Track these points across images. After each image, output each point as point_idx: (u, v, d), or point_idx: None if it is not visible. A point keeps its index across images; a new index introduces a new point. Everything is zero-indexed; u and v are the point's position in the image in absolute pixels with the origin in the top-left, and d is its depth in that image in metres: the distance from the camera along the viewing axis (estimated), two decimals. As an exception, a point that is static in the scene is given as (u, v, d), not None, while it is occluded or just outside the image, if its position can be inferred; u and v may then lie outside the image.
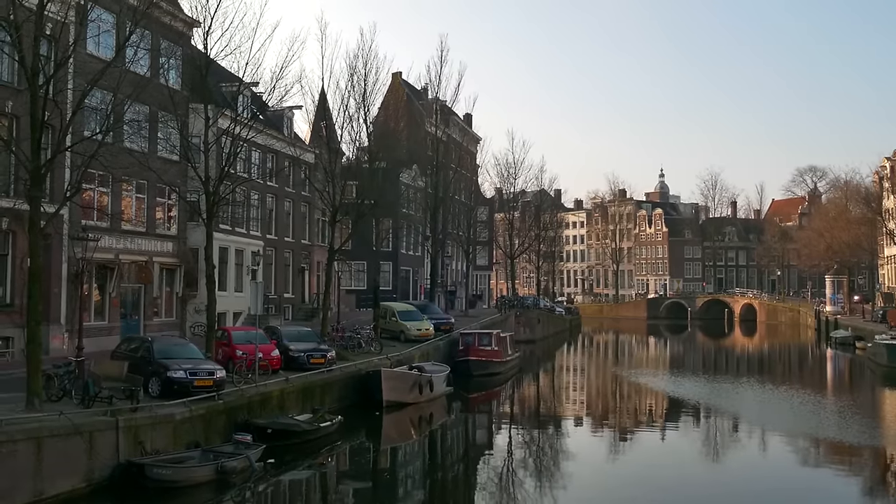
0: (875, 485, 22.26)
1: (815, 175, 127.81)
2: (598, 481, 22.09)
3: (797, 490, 21.18)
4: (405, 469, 24.61)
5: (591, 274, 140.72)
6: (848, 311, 78.35)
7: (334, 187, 37.66)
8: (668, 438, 29.02)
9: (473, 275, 77.17)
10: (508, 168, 76.35)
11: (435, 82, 59.34)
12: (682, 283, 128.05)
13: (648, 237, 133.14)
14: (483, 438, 30.56)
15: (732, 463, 24.92)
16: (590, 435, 30.32)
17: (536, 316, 71.49)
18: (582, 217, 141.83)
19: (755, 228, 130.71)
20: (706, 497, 20.45)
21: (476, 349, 42.12)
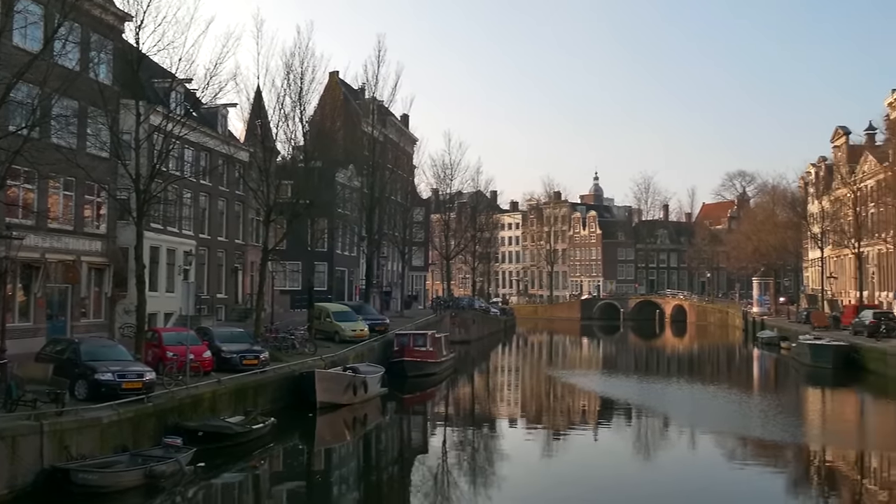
0: (799, 480, 22.87)
1: (745, 180, 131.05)
2: (532, 481, 22.22)
3: (725, 487, 21.60)
4: (339, 471, 24.45)
5: (526, 275, 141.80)
6: (774, 312, 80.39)
7: (269, 186, 37.25)
8: (601, 438, 29.37)
9: (409, 275, 77.11)
10: (445, 169, 76.60)
11: (372, 82, 59.18)
12: (615, 284, 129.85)
13: (583, 239, 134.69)
14: (418, 439, 30.54)
15: (664, 462, 25.31)
16: (524, 435, 30.52)
17: (471, 317, 71.78)
18: (517, 219, 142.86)
19: (686, 231, 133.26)
20: (639, 496, 20.71)
21: (411, 350, 42.09)
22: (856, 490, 21.76)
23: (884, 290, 67.25)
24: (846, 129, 78.98)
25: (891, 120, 66.17)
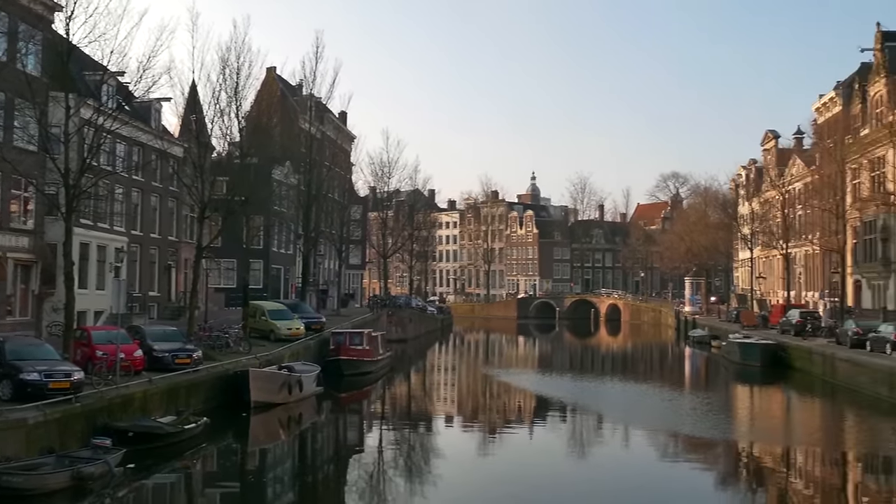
0: (728, 476, 23.36)
1: (678, 181, 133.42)
2: (468, 479, 22.29)
3: (658, 484, 21.95)
4: (274, 471, 24.19)
5: (464, 274, 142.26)
6: (705, 311, 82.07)
7: (203, 182, 36.70)
8: (536, 436, 29.60)
9: (346, 274, 76.74)
10: (383, 167, 76.41)
11: (310, 79, 58.67)
12: (551, 283, 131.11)
13: (519, 238, 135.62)
14: (354, 438, 30.41)
15: (599, 459, 25.61)
16: (460, 433, 30.59)
17: (408, 315, 71.75)
18: (455, 217, 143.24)
19: (621, 231, 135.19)
20: (575, 493, 20.91)
21: (347, 348, 41.90)
22: (782, 484, 22.31)
23: (810, 290, 69.13)
24: (776, 133, 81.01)
25: (818, 125, 67.99)
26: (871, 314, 52.49)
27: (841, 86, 64.80)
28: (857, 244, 59.56)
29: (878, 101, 57.99)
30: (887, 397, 33.59)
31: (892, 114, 52.34)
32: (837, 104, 64.28)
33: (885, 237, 55.91)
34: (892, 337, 38.33)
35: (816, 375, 42.22)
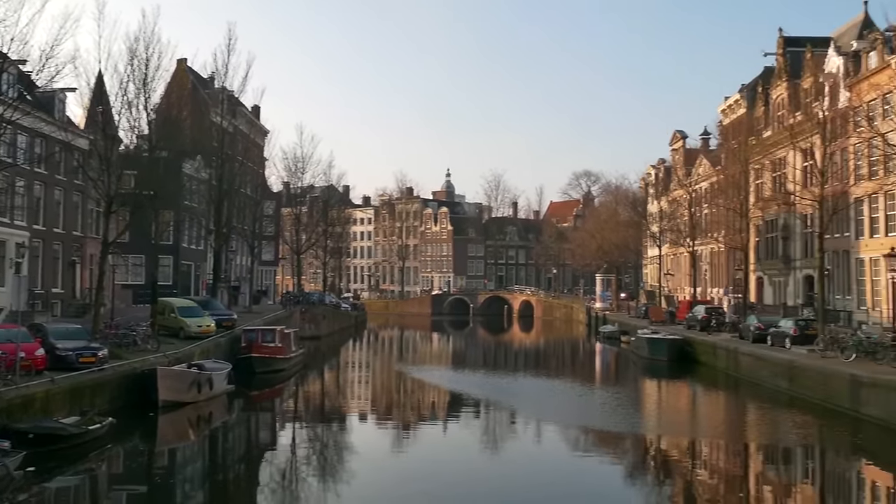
0: (636, 469, 23.87)
1: (590, 179, 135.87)
2: (382, 476, 22.24)
3: (569, 478, 22.29)
4: (183, 471, 23.70)
5: (378, 270, 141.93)
6: (615, 307, 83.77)
7: (110, 176, 35.66)
8: (450, 432, 29.71)
9: (259, 270, 75.70)
10: (296, 162, 75.53)
11: (222, 71, 57.56)
12: (465, 279, 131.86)
13: (434, 235, 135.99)
14: (266, 437, 30.03)
15: (511, 454, 25.85)
16: (374, 430, 30.51)
17: (322, 312, 71.24)
18: (370, 214, 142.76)
19: (534, 228, 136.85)
20: (487, 489, 21.03)
21: (259, 346, 41.36)
22: (688, 476, 22.92)
23: (715, 286, 71.21)
24: (683, 134, 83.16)
25: (723, 126, 70.01)
26: (773, 310, 54.37)
27: (745, 89, 66.91)
28: (760, 242, 61.63)
29: (779, 105, 60.03)
30: (786, 390, 34.86)
31: (792, 117, 54.24)
32: (742, 106, 66.34)
33: (786, 236, 57.98)
34: (791, 332, 39.81)
35: (721, 369, 43.54)
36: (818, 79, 52.48)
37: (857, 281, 49.14)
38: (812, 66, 53.84)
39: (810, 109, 50.81)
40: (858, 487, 22.47)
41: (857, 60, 49.53)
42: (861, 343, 33.22)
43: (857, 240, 49.04)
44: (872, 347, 32.57)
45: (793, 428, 29.39)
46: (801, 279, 55.57)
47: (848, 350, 33.28)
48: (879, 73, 45.22)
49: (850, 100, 47.54)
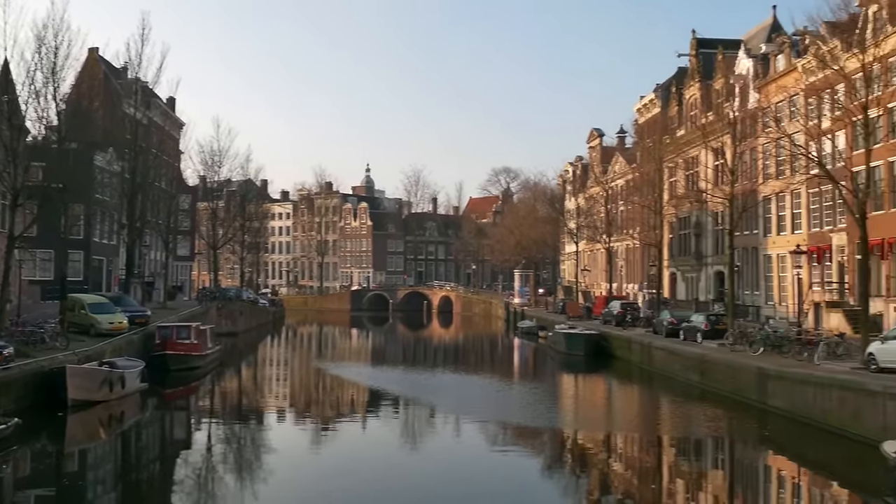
0: (554, 463, 24.24)
1: (509, 176, 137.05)
2: (300, 474, 22.05)
3: (488, 473, 22.41)
4: (94, 472, 23.06)
5: (297, 266, 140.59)
6: (534, 303, 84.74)
7: (16, 168, 34.42)
8: (369, 429, 29.62)
9: (174, 265, 74.12)
10: (213, 156, 74.13)
11: (135, 61, 56.12)
12: (384, 275, 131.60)
13: (353, 230, 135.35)
14: (181, 435, 29.46)
15: (430, 450, 25.93)
16: (292, 428, 30.23)
17: (239, 308, 70.24)
18: (288, 208, 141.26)
19: (454, 224, 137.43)
20: (406, 484, 21.04)
21: (174, 343, 40.51)
22: (604, 469, 23.36)
23: (631, 282, 72.65)
24: (600, 132, 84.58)
25: (639, 125, 71.47)
26: (685, 305, 55.81)
27: (660, 88, 68.42)
28: (673, 239, 63.13)
29: (692, 104, 61.54)
30: (698, 383, 35.79)
31: (704, 117, 55.70)
32: (657, 106, 67.82)
33: (698, 233, 59.52)
34: (702, 326, 40.89)
35: (635, 363, 44.45)
36: (729, 80, 54.03)
37: (764, 277, 50.79)
38: (723, 67, 55.37)
39: (721, 110, 52.32)
40: (765, 477, 23.24)
41: (766, 63, 51.16)
42: (768, 337, 34.34)
43: (764, 237, 50.67)
44: (779, 341, 33.71)
45: (704, 420, 30.19)
46: (712, 275, 57.15)
47: (756, 344, 34.38)
48: (786, 75, 46.79)
49: (759, 101, 49.07)
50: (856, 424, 24.08)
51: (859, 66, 30.87)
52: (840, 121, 36.22)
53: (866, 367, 26.83)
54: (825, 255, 43.82)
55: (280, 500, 19.68)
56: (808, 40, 43.17)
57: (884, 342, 26.88)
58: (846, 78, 32.69)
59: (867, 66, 30.51)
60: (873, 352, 26.89)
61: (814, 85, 39.63)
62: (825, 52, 36.87)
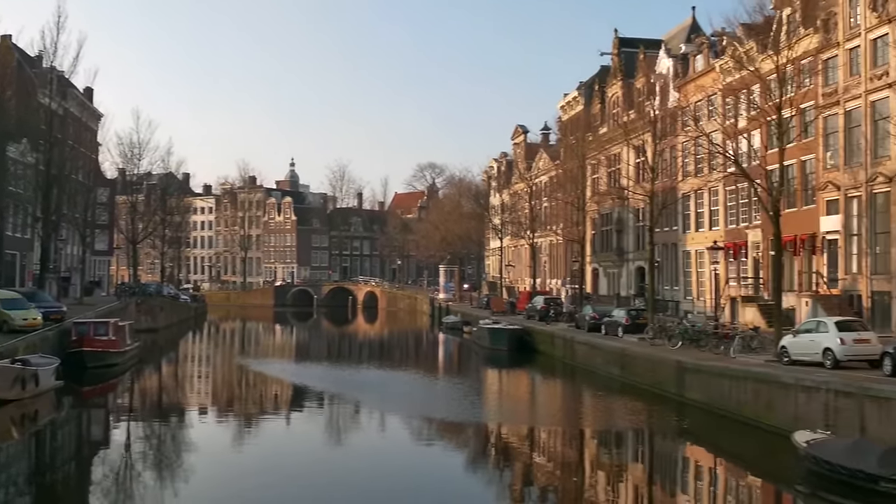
0: (478, 457, 24.44)
1: (434, 171, 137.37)
2: (222, 471, 21.74)
3: (412, 467, 22.54)
4: (6, 473, 22.22)
5: (219, 261, 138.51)
6: (458, 298, 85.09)
7: (-77, 159, 33.16)
8: (293, 425, 29.41)
9: (91, 260, 72.27)
10: (133, 148, 72.38)
11: (50, 50, 54.34)
12: (309, 270, 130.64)
13: (277, 225, 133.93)
14: (98, 434, 28.72)
15: (355, 446, 25.84)
16: (214, 425, 29.79)
17: (159, 304, 68.88)
18: (211, 203, 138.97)
19: (379, 219, 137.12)
20: (329, 480, 20.95)
21: (91, 339, 39.46)
22: (527, 462, 23.65)
23: (554, 277, 73.57)
24: (525, 128, 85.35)
25: (562, 122, 72.34)
26: (607, 300, 56.74)
27: (583, 86, 69.35)
28: (596, 235, 64.15)
29: (614, 103, 62.57)
30: (619, 377, 36.46)
31: (626, 115, 56.66)
32: (580, 103, 68.74)
33: (620, 229, 60.59)
34: (623, 321, 41.65)
35: (558, 358, 45.04)
36: (650, 79, 55.11)
37: (683, 272, 52.00)
38: (644, 66, 56.43)
39: (643, 108, 53.33)
40: (683, 468, 23.81)
41: (686, 63, 52.33)
42: (686, 331, 35.19)
43: (683, 233, 51.87)
44: (696, 335, 34.56)
45: (625, 413, 30.75)
46: (633, 270, 58.24)
47: (674, 338, 35.18)
48: (705, 75, 47.94)
49: (679, 100, 50.18)
50: (769, 416, 24.86)
51: (774, 67, 31.78)
52: (755, 120, 37.29)
53: (779, 359, 27.73)
54: (741, 252, 45.07)
55: (201, 498, 19.39)
56: (725, 41, 44.33)
57: (795, 336, 27.81)
58: (761, 79, 33.65)
59: (781, 67, 31.43)
60: (786, 345, 27.80)
61: (731, 85, 40.71)
62: (742, 54, 37.91)
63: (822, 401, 22.49)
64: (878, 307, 35.06)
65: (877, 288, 35.15)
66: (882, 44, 34.83)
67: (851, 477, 18.12)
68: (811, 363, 26.17)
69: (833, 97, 37.72)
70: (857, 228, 36.66)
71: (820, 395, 22.66)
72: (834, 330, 26.08)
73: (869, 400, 20.86)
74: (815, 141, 38.95)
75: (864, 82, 35.63)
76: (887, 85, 34.16)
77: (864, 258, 36.01)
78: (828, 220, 38.33)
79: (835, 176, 37.77)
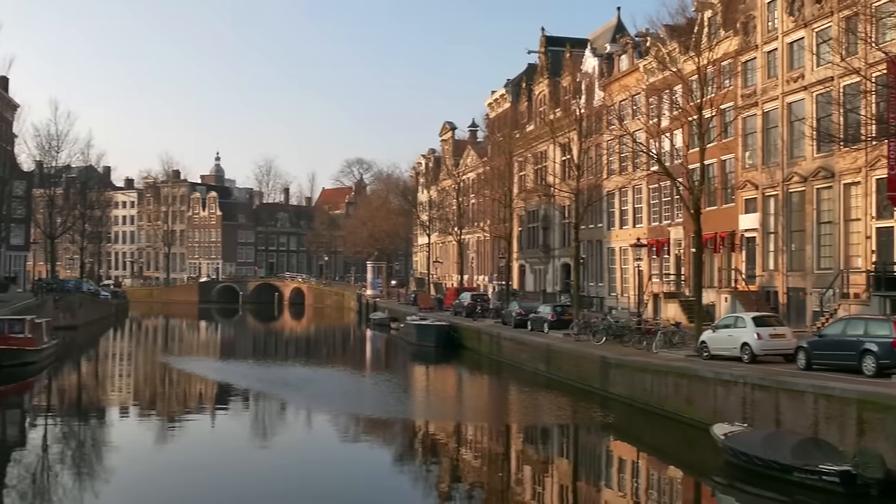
0: (405, 453, 24.45)
1: (362, 167, 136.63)
2: (144, 471, 21.28)
3: (340, 464, 22.43)
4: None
5: (142, 256, 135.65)
6: (386, 294, 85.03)
7: None
8: (218, 424, 28.99)
9: (6, 255, 70.12)
10: (50, 140, 70.46)
11: (-38, 38, 52.68)
12: (234, 266, 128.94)
13: (202, 220, 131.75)
14: (14, 434, 27.82)
15: (281, 444, 25.62)
16: (136, 424, 29.20)
17: (78, 300, 67.23)
18: (133, 197, 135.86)
19: (306, 215, 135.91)
20: (254, 479, 20.70)
21: (6, 337, 38.28)
22: (454, 457, 23.76)
23: (481, 273, 74.04)
24: (452, 125, 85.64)
25: (490, 119, 72.79)
26: (533, 296, 57.36)
27: (510, 84, 69.94)
28: (522, 232, 64.74)
29: (541, 101, 63.21)
30: (544, 372, 36.88)
31: (553, 113, 57.32)
32: (507, 101, 69.30)
33: (546, 226, 61.29)
34: (549, 317, 42.13)
35: (485, 354, 45.34)
36: (576, 78, 55.84)
37: (608, 269, 52.86)
38: (571, 65, 57.14)
39: (569, 106, 54.02)
40: (607, 461, 24.25)
41: (611, 62, 53.14)
42: (611, 327, 35.77)
43: (608, 230, 52.72)
44: (620, 331, 35.17)
45: (550, 409, 31.08)
46: (559, 267, 58.96)
47: (599, 334, 35.73)
48: (629, 75, 48.77)
49: (604, 99, 50.90)
50: (689, 409, 25.46)
51: (695, 68, 32.49)
52: (678, 120, 38.12)
53: (699, 354, 28.41)
54: (664, 249, 46.02)
55: (123, 498, 18.99)
56: (649, 42, 45.16)
57: (715, 331, 28.51)
58: (683, 79, 34.38)
59: (702, 68, 32.14)
60: (705, 340, 28.49)
61: (654, 85, 41.53)
62: (664, 54, 38.71)
63: (740, 394, 23.12)
64: (793, 303, 36.22)
65: (792, 284, 36.30)
66: (798, 47, 35.95)
67: (766, 468, 18.71)
68: (730, 358, 26.84)
69: (752, 98, 38.78)
70: (773, 226, 37.78)
71: (737, 388, 23.30)
72: (751, 325, 26.79)
73: (783, 393, 21.52)
74: (734, 141, 40.00)
75: (781, 84, 36.72)
76: (803, 87, 35.26)
77: (780, 255, 37.14)
78: (746, 219, 39.41)
79: (753, 175, 38.85)
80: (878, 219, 31.66)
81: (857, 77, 28.35)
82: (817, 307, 33.34)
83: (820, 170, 34.37)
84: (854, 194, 32.93)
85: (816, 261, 34.92)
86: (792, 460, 18.10)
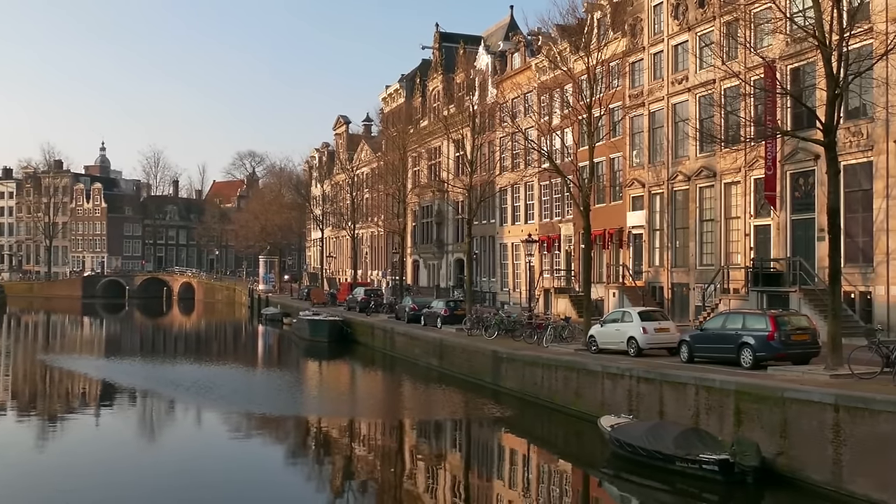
0: (297, 450, 24.32)
1: (254, 160, 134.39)
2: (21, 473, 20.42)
3: (229, 462, 22.07)
4: None
5: (21, 250, 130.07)
6: (279, 289, 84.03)
7: None
8: (103, 424, 28.08)
9: None
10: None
11: None
12: (121, 260, 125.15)
13: (86, 212, 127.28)
14: None
15: (168, 443, 25.08)
16: (12, 424, 27.89)
17: (-49, 296, 64.07)
18: (11, 187, 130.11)
19: (196, 208, 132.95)
20: (140, 479, 20.14)
21: None
22: (347, 453, 23.73)
23: (375, 269, 73.95)
24: (347, 119, 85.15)
25: (384, 113, 72.69)
26: (427, 291, 57.65)
27: (405, 79, 70.00)
28: (416, 227, 64.98)
29: (435, 96, 63.53)
30: (437, 367, 37.12)
31: (447, 109, 57.67)
32: (401, 96, 69.34)
33: (440, 221, 61.66)
34: (442, 312, 42.38)
35: (378, 349, 45.33)
36: (470, 74, 56.33)
37: (500, 264, 53.60)
38: (464, 62, 57.60)
39: (462, 103, 54.47)
40: (499, 455, 24.56)
41: (504, 60, 53.82)
42: (502, 322, 36.21)
43: (500, 226, 53.43)
44: (511, 326, 35.65)
45: (443, 403, 31.28)
46: (452, 262, 59.43)
47: (491, 329, 36.12)
48: (521, 73, 49.51)
49: (497, 96, 51.58)
50: (578, 402, 26.07)
51: (585, 68, 33.18)
52: (568, 118, 38.89)
53: (588, 348, 29.07)
54: (554, 245, 46.91)
55: (-1, 505, 18.24)
56: (541, 41, 45.91)
57: (603, 325, 29.21)
58: (573, 78, 35.09)
59: (592, 68, 32.83)
60: (594, 334, 29.16)
61: (545, 83, 42.26)
62: (555, 54, 39.42)
63: (626, 387, 23.81)
64: (677, 297, 37.51)
65: (676, 280, 37.59)
66: (682, 50, 37.18)
67: (650, 458, 19.34)
68: (617, 351, 27.56)
69: (639, 99, 39.92)
70: (659, 224, 39.01)
71: (624, 381, 23.98)
72: (637, 320, 27.56)
73: (667, 385, 22.27)
74: (622, 140, 41.09)
75: (667, 86, 37.92)
76: (686, 89, 36.51)
77: (665, 252, 38.38)
78: (633, 216, 40.56)
79: (640, 173, 40.00)
80: (756, 217, 33.12)
81: (737, 80, 29.46)
82: (700, 302, 34.61)
83: (702, 169, 35.67)
84: (734, 193, 34.33)
85: (699, 257, 36.25)
86: (674, 450, 18.75)
